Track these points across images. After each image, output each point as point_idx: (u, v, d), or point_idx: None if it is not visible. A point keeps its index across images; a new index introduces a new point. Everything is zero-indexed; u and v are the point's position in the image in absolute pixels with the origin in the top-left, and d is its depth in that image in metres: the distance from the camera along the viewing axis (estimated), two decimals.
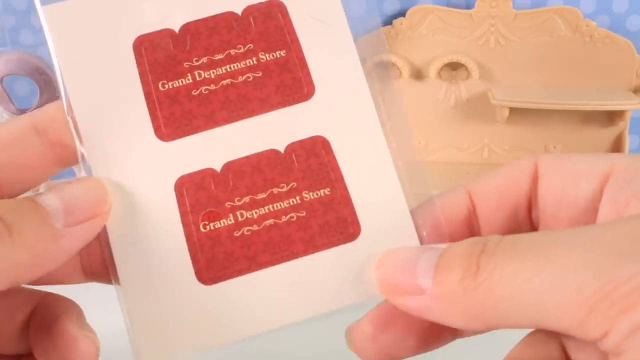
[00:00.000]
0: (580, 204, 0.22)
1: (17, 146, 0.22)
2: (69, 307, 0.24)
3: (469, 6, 0.58)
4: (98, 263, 0.23)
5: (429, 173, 0.24)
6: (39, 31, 0.23)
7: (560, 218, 0.23)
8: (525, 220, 0.24)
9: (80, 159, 0.23)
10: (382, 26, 0.48)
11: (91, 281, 0.24)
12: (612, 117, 0.58)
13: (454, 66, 0.58)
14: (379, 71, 0.24)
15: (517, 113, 0.57)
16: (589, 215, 0.22)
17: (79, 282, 0.24)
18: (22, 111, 0.51)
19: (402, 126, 0.24)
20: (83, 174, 0.23)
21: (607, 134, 0.59)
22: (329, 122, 0.23)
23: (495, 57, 0.58)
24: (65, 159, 0.23)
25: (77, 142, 0.23)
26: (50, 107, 0.23)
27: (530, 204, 0.23)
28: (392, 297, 0.21)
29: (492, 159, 0.60)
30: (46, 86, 0.51)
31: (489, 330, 0.19)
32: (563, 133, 0.59)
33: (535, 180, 0.23)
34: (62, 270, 0.23)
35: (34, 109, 0.51)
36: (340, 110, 0.24)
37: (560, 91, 0.57)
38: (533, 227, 0.24)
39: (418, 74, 0.59)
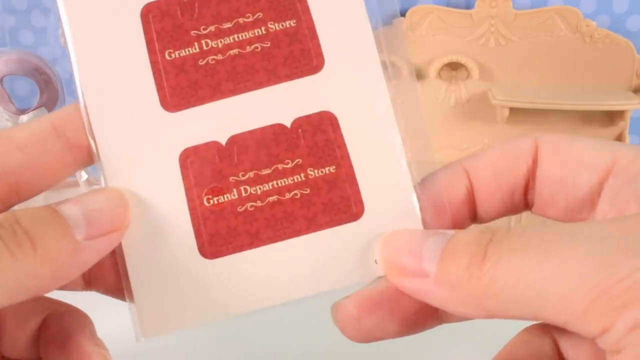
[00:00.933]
0: (578, 195, 0.22)
1: (37, 148, 0.22)
2: (82, 320, 0.24)
3: (469, 6, 0.58)
4: (101, 271, 0.23)
5: None
6: (39, 31, 0.23)
7: (556, 205, 0.23)
8: (521, 201, 0.24)
9: (87, 131, 0.22)
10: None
11: (90, 290, 0.23)
12: (612, 117, 0.57)
13: (454, 66, 0.58)
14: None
15: (517, 113, 0.57)
16: (586, 207, 0.22)
17: (77, 290, 0.23)
18: (22, 111, 0.51)
19: (413, 106, 0.23)
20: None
21: (607, 134, 0.58)
22: (337, 98, 0.23)
23: (495, 57, 0.58)
24: (82, 161, 0.23)
25: (84, 112, 0.22)
26: (69, 108, 0.23)
27: (528, 185, 0.23)
28: (395, 278, 0.21)
29: None
30: (46, 86, 0.51)
31: (486, 318, 0.19)
32: (563, 133, 0.59)
33: (534, 162, 0.23)
34: None
35: (34, 109, 0.51)
36: (350, 85, 0.23)
37: (560, 91, 0.57)
38: (528, 208, 0.24)
39: (418, 74, 0.59)
